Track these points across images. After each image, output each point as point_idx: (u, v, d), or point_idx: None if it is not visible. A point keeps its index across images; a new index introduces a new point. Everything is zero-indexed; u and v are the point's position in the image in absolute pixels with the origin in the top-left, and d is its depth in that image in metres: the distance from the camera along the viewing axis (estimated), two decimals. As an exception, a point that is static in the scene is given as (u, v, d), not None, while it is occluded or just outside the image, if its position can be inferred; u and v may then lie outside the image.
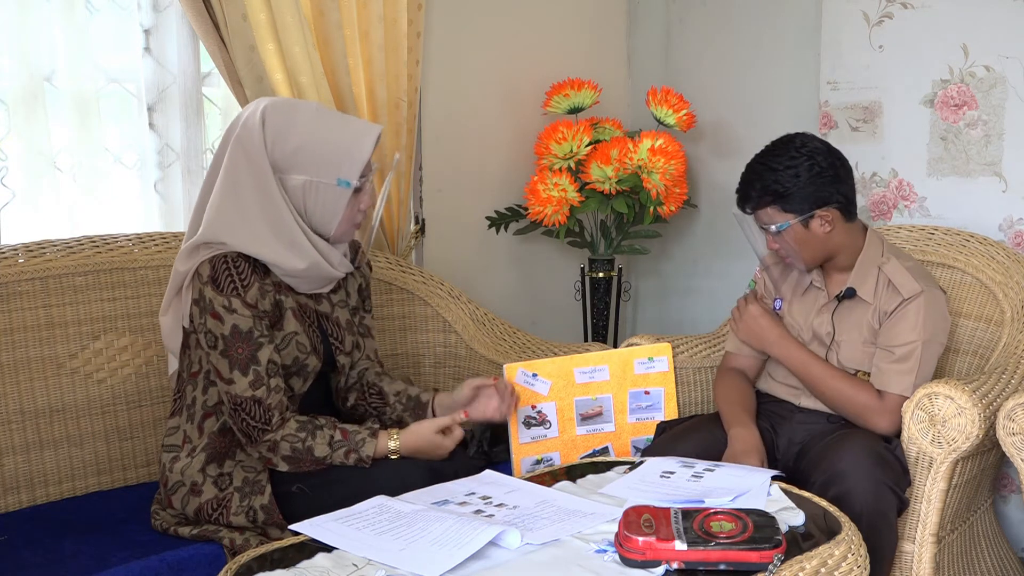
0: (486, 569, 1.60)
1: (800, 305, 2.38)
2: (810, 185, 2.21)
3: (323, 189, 2.01)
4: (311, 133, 2.00)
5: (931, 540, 2.10)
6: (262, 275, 2.01)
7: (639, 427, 2.41)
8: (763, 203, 2.24)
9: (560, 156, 3.03)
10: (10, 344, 2.21)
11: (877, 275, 2.26)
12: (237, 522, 2.00)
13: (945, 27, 2.72)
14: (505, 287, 3.33)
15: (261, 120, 1.99)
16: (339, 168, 2.00)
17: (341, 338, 2.19)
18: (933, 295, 2.23)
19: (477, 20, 3.16)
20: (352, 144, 2.02)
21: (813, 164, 2.22)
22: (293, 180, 2.00)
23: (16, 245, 2.27)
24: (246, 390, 1.97)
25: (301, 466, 1.99)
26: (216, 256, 1.97)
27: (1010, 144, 2.66)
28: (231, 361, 1.97)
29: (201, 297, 1.97)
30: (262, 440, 1.98)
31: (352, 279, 2.25)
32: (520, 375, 2.35)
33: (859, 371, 2.27)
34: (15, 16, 2.34)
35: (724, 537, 1.60)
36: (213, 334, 1.98)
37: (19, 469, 2.21)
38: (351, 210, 2.06)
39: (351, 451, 2.00)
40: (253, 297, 1.98)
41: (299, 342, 2.06)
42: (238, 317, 1.96)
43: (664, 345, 2.44)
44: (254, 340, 1.97)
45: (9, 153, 2.39)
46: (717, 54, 3.36)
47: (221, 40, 2.54)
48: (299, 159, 1.99)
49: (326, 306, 2.17)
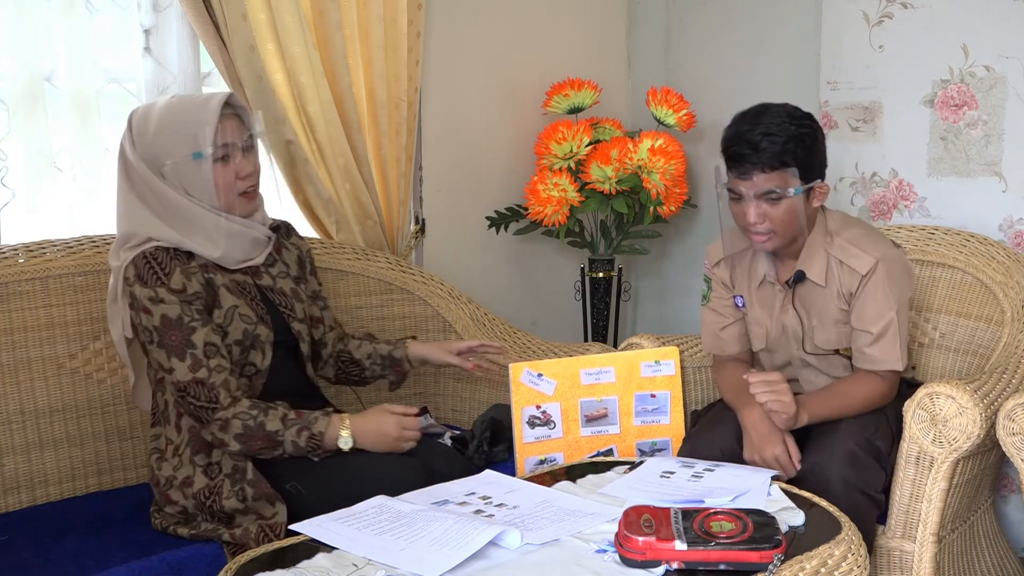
0: (486, 569, 1.60)
1: (760, 300, 2.33)
2: (821, 153, 2.17)
3: (186, 166, 2.03)
4: (162, 119, 2.05)
5: (931, 540, 2.10)
6: (184, 260, 2.04)
7: (644, 430, 2.40)
8: (785, 162, 2.09)
9: (560, 156, 3.03)
10: (10, 344, 2.21)
11: (827, 259, 2.21)
12: (230, 506, 2.01)
13: (945, 27, 2.72)
14: (505, 287, 3.33)
15: (128, 125, 2.07)
16: (192, 141, 2.02)
17: (291, 306, 2.20)
18: (888, 258, 2.17)
19: (477, 20, 3.16)
20: (197, 114, 2.03)
21: (820, 132, 2.17)
22: (165, 167, 2.04)
23: (16, 245, 2.27)
24: (186, 374, 1.99)
25: (252, 444, 1.99)
26: (136, 256, 2.02)
27: (1010, 144, 2.66)
28: (167, 350, 2.00)
29: (133, 298, 2.02)
30: (213, 419, 1.99)
31: (287, 252, 2.27)
32: (525, 375, 2.35)
33: (839, 350, 2.27)
34: (15, 16, 2.34)
35: (724, 537, 1.60)
36: (148, 329, 2.01)
37: (19, 469, 2.21)
38: (225, 179, 2.06)
39: (303, 428, 2.00)
40: (178, 282, 2.01)
41: (241, 314, 2.08)
42: (165, 306, 2.00)
43: (672, 349, 2.43)
44: (185, 325, 2.00)
45: (9, 153, 2.39)
46: (717, 54, 3.36)
47: (221, 40, 2.54)
48: (160, 146, 2.04)
49: (267, 279, 2.18)
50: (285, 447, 2.00)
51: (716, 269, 2.38)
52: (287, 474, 2.04)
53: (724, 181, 2.19)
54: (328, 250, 2.74)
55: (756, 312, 2.34)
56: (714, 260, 2.39)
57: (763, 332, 2.34)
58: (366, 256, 2.79)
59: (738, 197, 2.16)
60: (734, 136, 2.14)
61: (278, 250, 2.24)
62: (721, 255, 2.37)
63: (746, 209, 2.14)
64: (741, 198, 2.15)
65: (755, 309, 2.34)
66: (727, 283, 2.38)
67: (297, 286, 2.25)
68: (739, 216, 2.18)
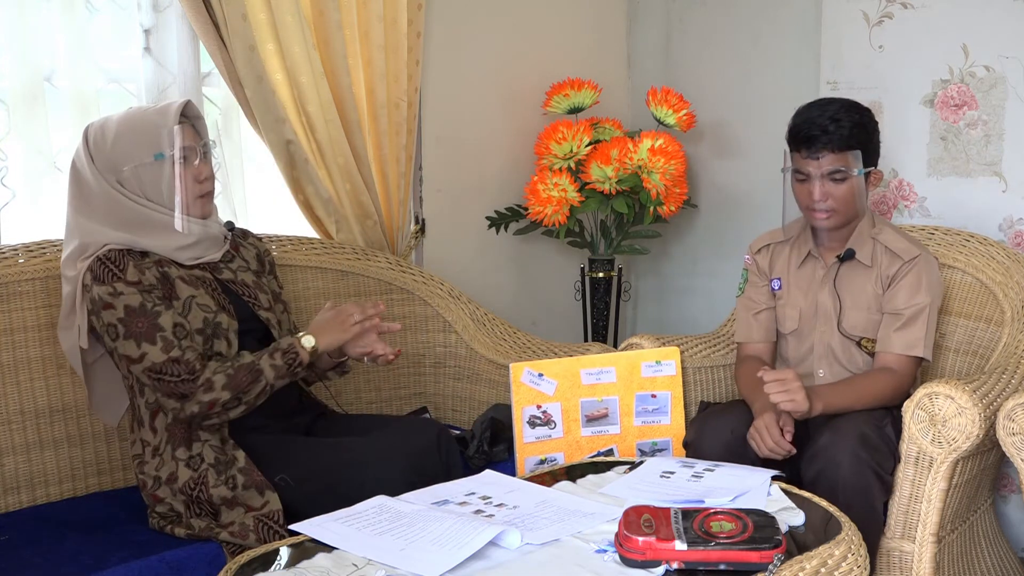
0: (486, 569, 1.60)
1: (797, 280, 2.44)
2: (878, 143, 2.35)
3: (147, 168, 2.08)
4: (121, 126, 2.10)
5: (931, 540, 2.10)
6: (138, 257, 2.07)
7: (645, 430, 2.40)
8: (851, 145, 2.27)
9: (560, 156, 3.03)
10: (10, 344, 2.21)
11: (873, 244, 2.35)
12: (218, 495, 2.02)
13: (945, 27, 2.72)
14: (505, 287, 3.33)
15: (84, 137, 2.11)
16: (154, 143, 2.08)
17: (254, 296, 2.22)
18: (929, 259, 2.35)
19: (477, 20, 3.16)
20: (157, 119, 2.10)
21: (877, 124, 2.35)
22: (124, 173, 2.08)
23: (16, 245, 2.27)
24: (159, 356, 2.01)
25: (239, 384, 2.03)
26: (91, 260, 2.04)
27: (1010, 144, 2.67)
28: (136, 337, 2.01)
29: (93, 301, 2.04)
30: (196, 387, 2.01)
31: (245, 249, 2.30)
32: (526, 375, 2.35)
33: (863, 338, 2.35)
34: (15, 16, 2.34)
35: (724, 537, 1.60)
36: (112, 324, 2.02)
37: (19, 469, 2.21)
38: (185, 180, 2.10)
39: (274, 351, 2.07)
40: (134, 275, 2.04)
41: (200, 304, 2.10)
42: (125, 297, 2.02)
43: (672, 349, 2.43)
44: (149, 311, 2.03)
45: (9, 153, 2.39)
46: (717, 54, 3.36)
47: (221, 40, 2.54)
48: (120, 152, 2.08)
49: (227, 273, 2.21)
50: (266, 375, 2.05)
51: (758, 256, 2.52)
52: (275, 467, 2.06)
53: (791, 165, 2.34)
54: (328, 250, 2.74)
55: (792, 293, 2.44)
56: (757, 247, 2.53)
57: (796, 313, 2.43)
58: (366, 256, 2.79)
59: (804, 178, 2.32)
60: (805, 121, 2.31)
61: (235, 248, 2.28)
62: (764, 243, 2.51)
63: (812, 188, 2.30)
64: (807, 179, 2.31)
65: (791, 290, 2.44)
66: (765, 270, 2.50)
67: (259, 279, 2.28)
68: (803, 196, 2.34)
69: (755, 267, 2.51)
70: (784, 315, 2.45)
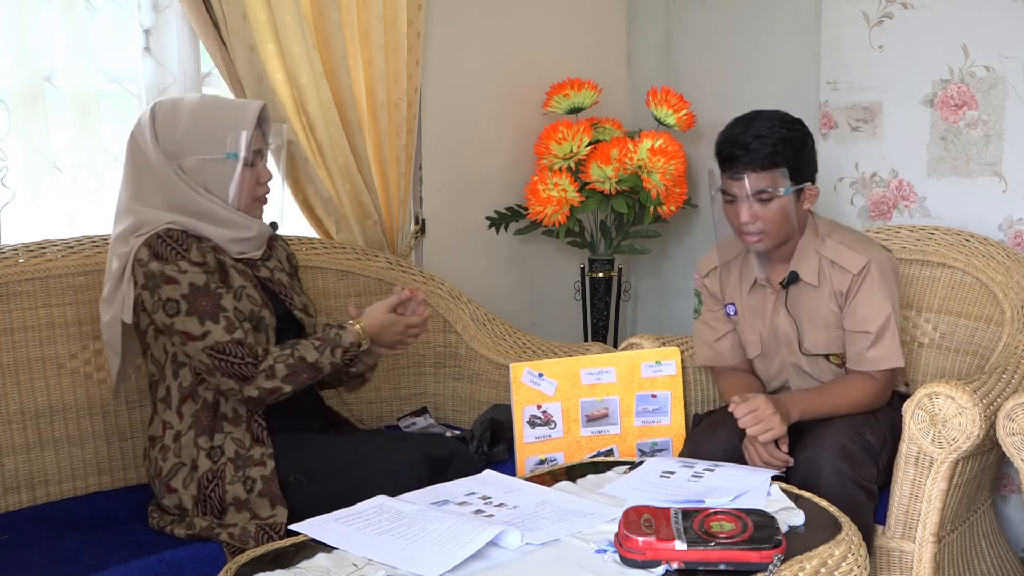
0: (486, 569, 1.60)
1: (750, 306, 2.37)
2: (811, 157, 2.24)
3: (215, 164, 2.10)
4: (197, 115, 2.11)
5: (931, 540, 2.10)
6: (198, 240, 2.08)
7: (645, 430, 2.40)
8: (775, 163, 2.16)
9: (560, 156, 3.03)
10: (10, 344, 2.21)
11: (818, 260, 2.26)
12: (233, 492, 2.02)
13: (945, 27, 2.72)
14: (505, 287, 3.33)
15: (151, 116, 2.10)
16: (226, 142, 2.09)
17: (290, 296, 2.25)
18: (879, 259, 2.24)
19: (477, 20, 3.16)
20: (235, 118, 2.12)
21: (810, 137, 2.24)
22: (188, 162, 2.09)
23: (16, 245, 2.27)
24: (223, 335, 2.02)
25: (299, 378, 2.06)
26: (149, 237, 2.04)
27: (1010, 144, 2.66)
28: (199, 315, 2.02)
29: (149, 276, 2.03)
30: (258, 372, 2.03)
31: (279, 249, 2.33)
32: (526, 375, 2.35)
33: (829, 354, 2.30)
34: (15, 16, 2.34)
35: (724, 537, 1.60)
36: (173, 300, 2.02)
37: (19, 469, 2.21)
38: (249, 183, 2.14)
39: (336, 347, 2.09)
40: (197, 256, 2.06)
41: (249, 295, 2.12)
42: (191, 275, 2.03)
43: (672, 349, 2.43)
44: (212, 292, 2.04)
45: (9, 153, 2.39)
46: (717, 54, 3.36)
47: (221, 40, 2.54)
48: (189, 141, 2.09)
49: (265, 271, 2.23)
50: (324, 369, 2.09)
51: (706, 280, 2.44)
52: (290, 467, 2.05)
53: (719, 185, 2.25)
54: (328, 250, 2.74)
55: (748, 319, 2.37)
56: (704, 271, 2.45)
57: (756, 339, 2.37)
58: (366, 256, 2.79)
59: (731, 199, 2.22)
60: (727, 139, 2.21)
61: (270, 248, 2.29)
62: (711, 266, 2.42)
63: (739, 209, 2.20)
64: (734, 199, 2.21)
65: (747, 315, 2.37)
66: (717, 295, 2.43)
67: (291, 280, 2.30)
68: (732, 217, 2.23)
69: (706, 291, 2.45)
70: (746, 340, 2.40)
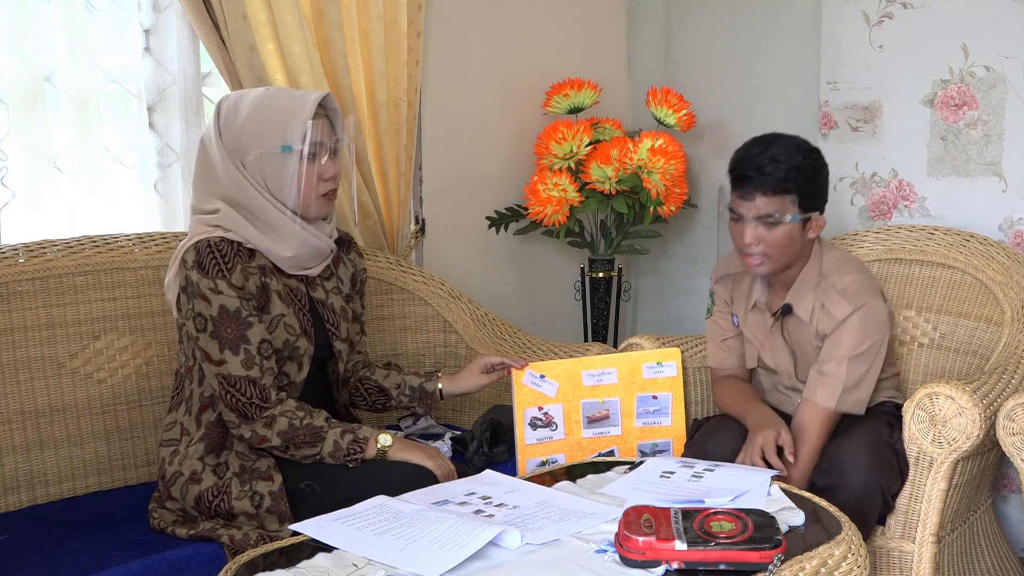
0: (486, 569, 1.60)
1: (751, 324, 2.40)
2: (823, 187, 2.23)
3: (272, 158, 2.02)
4: (255, 108, 2.04)
5: (931, 540, 2.10)
6: (246, 258, 2.02)
7: (646, 431, 2.40)
8: (786, 189, 2.16)
9: (560, 156, 3.03)
10: (10, 344, 2.21)
11: (813, 299, 2.25)
12: (240, 507, 1.99)
13: (945, 27, 2.72)
14: (505, 287, 3.33)
15: (216, 112, 2.06)
16: (282, 134, 2.02)
17: (336, 324, 2.19)
18: (865, 311, 2.19)
19: (477, 20, 3.16)
20: (292, 108, 2.03)
21: (824, 167, 2.23)
22: (248, 158, 2.03)
23: (16, 245, 2.27)
24: (238, 369, 1.97)
25: (295, 440, 1.99)
26: (200, 241, 2.00)
27: (1010, 144, 2.66)
28: (220, 342, 1.98)
29: (188, 283, 2.00)
30: (260, 416, 1.98)
31: (344, 267, 2.26)
32: (527, 376, 2.34)
33: None
34: (15, 16, 2.33)
35: (724, 537, 1.60)
36: (202, 316, 1.99)
37: (19, 469, 2.21)
38: (308, 178, 2.04)
39: (347, 431, 2.01)
40: (238, 279, 1.99)
41: (287, 324, 2.06)
42: (225, 298, 1.98)
43: (674, 350, 2.43)
44: (243, 320, 1.98)
45: (9, 153, 2.39)
46: (717, 54, 3.36)
47: (221, 40, 2.54)
48: (247, 135, 2.02)
49: (320, 292, 2.18)
50: (325, 446, 2.00)
51: (717, 286, 2.47)
52: (303, 474, 2.03)
53: (728, 202, 2.25)
54: (328, 250, 2.73)
55: (749, 331, 2.41)
56: (716, 277, 2.47)
57: (756, 353, 2.40)
58: (366, 256, 2.79)
59: (738, 218, 2.22)
60: (743, 158, 2.20)
61: (336, 264, 2.22)
62: (724, 272, 2.45)
63: (744, 229, 2.20)
64: (741, 219, 2.21)
65: (748, 330, 2.41)
66: (727, 300, 2.45)
67: (347, 304, 2.24)
68: (736, 237, 2.24)
69: (719, 295, 2.48)
70: (748, 351, 2.43)
